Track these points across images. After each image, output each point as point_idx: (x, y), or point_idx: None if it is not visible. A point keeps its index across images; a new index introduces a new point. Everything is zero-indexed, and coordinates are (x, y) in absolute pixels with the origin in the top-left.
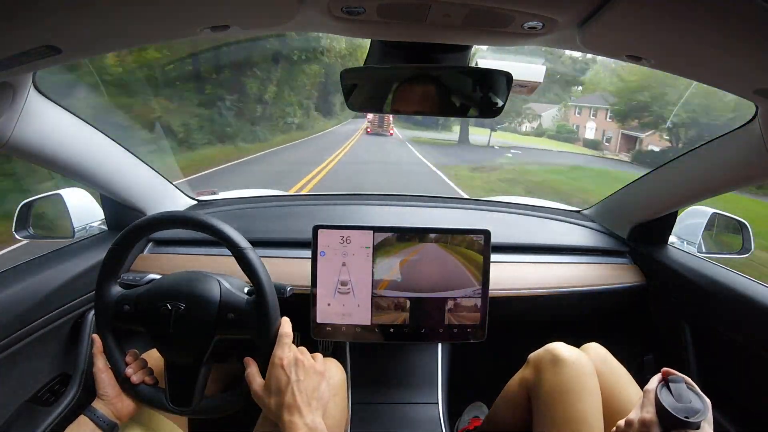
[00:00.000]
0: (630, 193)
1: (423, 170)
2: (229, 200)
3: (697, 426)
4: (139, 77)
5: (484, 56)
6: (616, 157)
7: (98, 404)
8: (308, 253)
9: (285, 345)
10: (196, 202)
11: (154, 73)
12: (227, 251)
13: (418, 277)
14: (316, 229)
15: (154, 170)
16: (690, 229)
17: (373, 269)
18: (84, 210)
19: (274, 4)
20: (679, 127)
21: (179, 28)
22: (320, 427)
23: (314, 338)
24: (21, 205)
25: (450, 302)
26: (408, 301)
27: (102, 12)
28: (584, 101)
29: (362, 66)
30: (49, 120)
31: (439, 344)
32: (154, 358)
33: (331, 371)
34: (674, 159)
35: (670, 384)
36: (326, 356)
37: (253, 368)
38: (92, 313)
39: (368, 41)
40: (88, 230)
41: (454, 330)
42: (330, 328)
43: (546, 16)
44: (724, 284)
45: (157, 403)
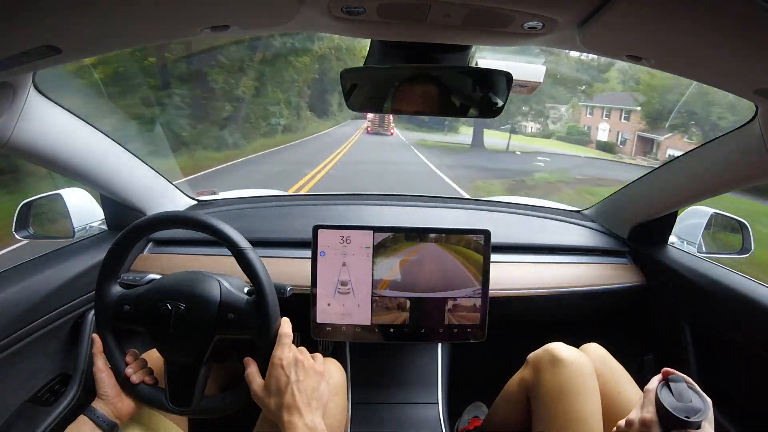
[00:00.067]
0: (630, 193)
1: (436, 184)
2: (229, 200)
3: (697, 425)
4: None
5: (484, 56)
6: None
7: (98, 404)
8: (308, 253)
9: (285, 345)
10: (196, 202)
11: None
12: (227, 251)
13: (418, 277)
14: (316, 229)
15: (154, 170)
16: (690, 229)
17: (373, 269)
18: (84, 210)
19: (274, 4)
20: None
21: (179, 28)
22: (320, 427)
23: (314, 338)
24: (21, 205)
25: (450, 302)
26: (408, 301)
27: (102, 12)
28: (600, 101)
29: (362, 66)
30: (49, 120)
31: (439, 344)
32: (154, 358)
33: (331, 371)
34: (674, 159)
35: (671, 384)
36: (326, 356)
37: (252, 368)
38: (92, 313)
39: (368, 40)
40: (88, 230)
41: (454, 330)
42: (330, 328)
43: (546, 16)
44: (724, 284)
45: (157, 403)
